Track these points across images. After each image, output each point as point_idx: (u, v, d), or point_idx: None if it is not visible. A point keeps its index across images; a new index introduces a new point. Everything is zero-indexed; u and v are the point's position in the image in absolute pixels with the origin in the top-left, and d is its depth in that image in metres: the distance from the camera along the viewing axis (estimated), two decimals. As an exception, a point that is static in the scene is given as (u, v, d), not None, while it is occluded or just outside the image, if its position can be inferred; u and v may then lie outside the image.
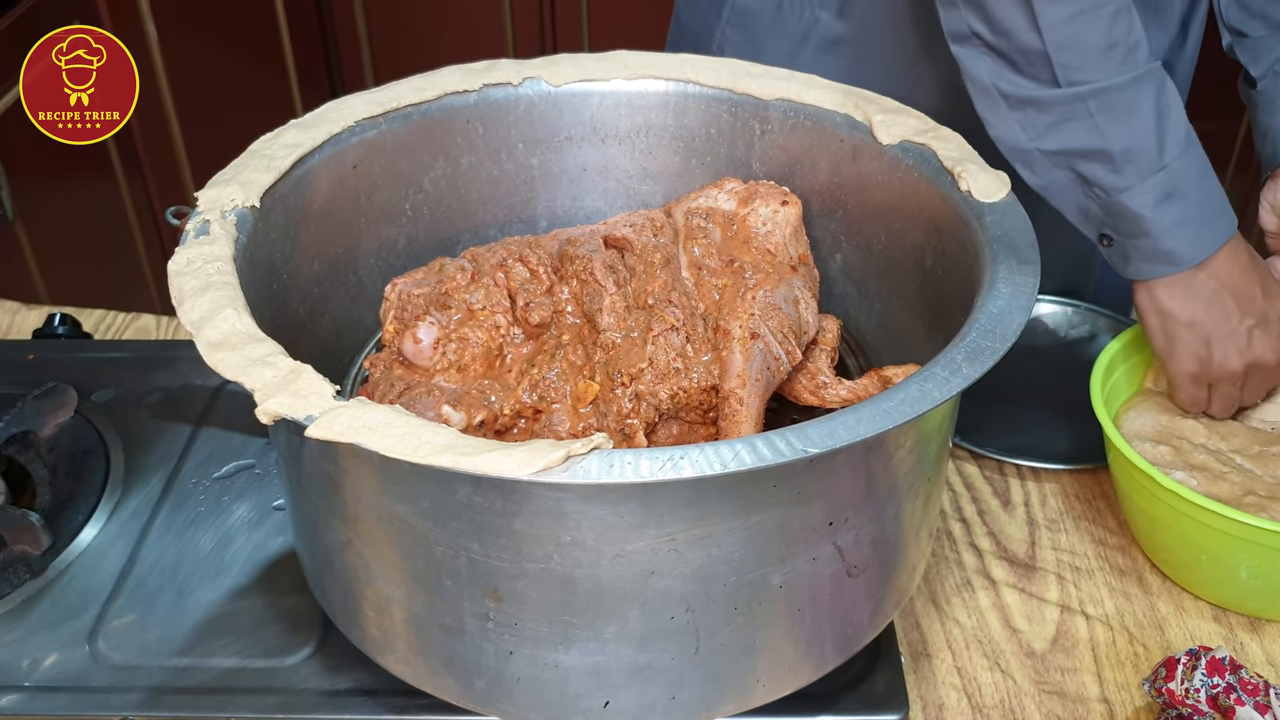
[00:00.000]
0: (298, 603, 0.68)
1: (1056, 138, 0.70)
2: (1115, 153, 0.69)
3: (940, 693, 0.68)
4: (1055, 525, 0.79)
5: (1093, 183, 0.71)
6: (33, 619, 0.68)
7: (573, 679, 0.55)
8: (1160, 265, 0.71)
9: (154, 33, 1.83)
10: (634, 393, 0.60)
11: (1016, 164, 0.72)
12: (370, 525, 0.54)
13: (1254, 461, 0.75)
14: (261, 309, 0.57)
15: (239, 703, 0.63)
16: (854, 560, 0.55)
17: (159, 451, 0.80)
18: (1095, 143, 0.69)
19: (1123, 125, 0.69)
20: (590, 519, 0.49)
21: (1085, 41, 0.68)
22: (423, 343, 0.63)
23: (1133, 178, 0.69)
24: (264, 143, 0.66)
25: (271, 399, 0.48)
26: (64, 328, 0.93)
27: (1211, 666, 0.63)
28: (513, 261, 0.66)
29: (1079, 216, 0.73)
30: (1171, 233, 0.70)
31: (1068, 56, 0.68)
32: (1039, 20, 0.68)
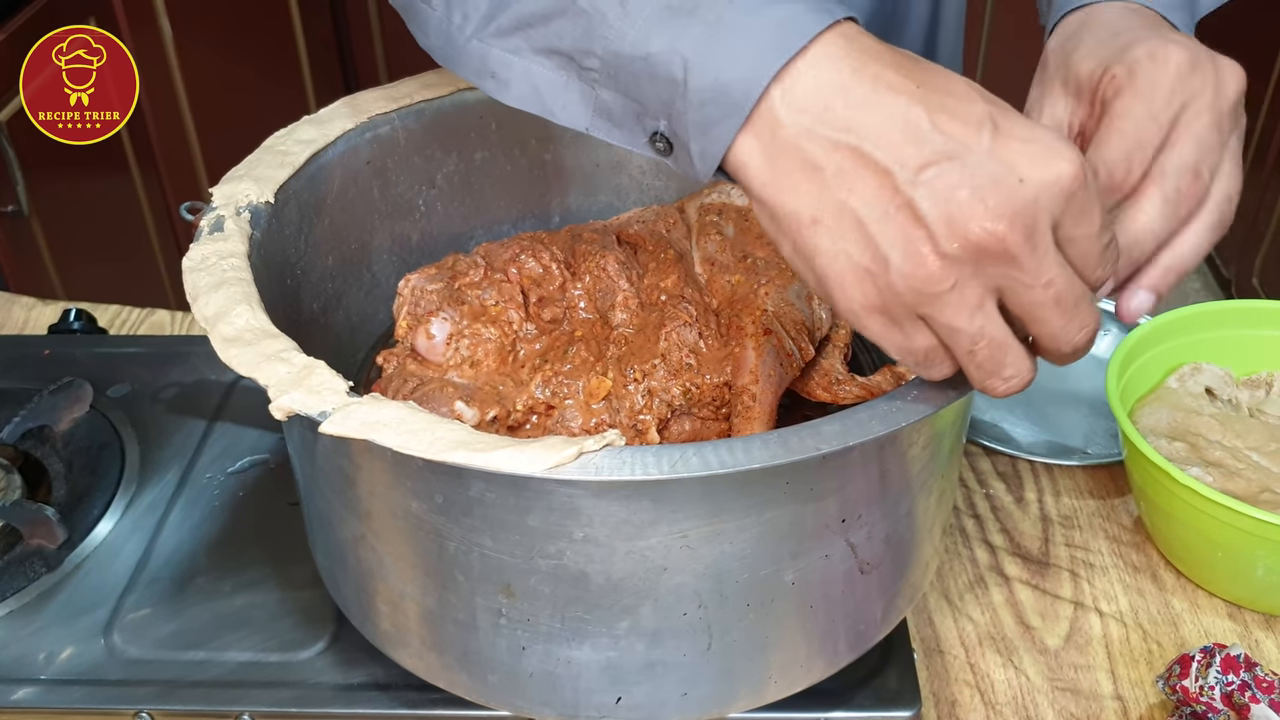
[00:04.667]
0: (311, 597, 0.68)
1: (505, 9, 0.51)
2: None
3: (953, 689, 0.68)
4: (1069, 522, 0.79)
5: (573, 55, 0.49)
6: (49, 613, 0.69)
7: (585, 675, 0.55)
8: (719, 121, 0.44)
9: (169, 30, 1.84)
10: (647, 389, 0.60)
11: (481, 79, 0.53)
12: (384, 520, 0.54)
13: (1270, 459, 0.75)
14: (275, 304, 0.57)
15: (253, 696, 0.63)
16: (867, 557, 0.55)
17: (174, 446, 0.80)
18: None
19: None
20: (603, 515, 0.49)
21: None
22: (436, 338, 0.63)
23: (612, 14, 0.46)
24: (278, 138, 0.66)
25: (286, 395, 0.48)
26: (79, 323, 0.93)
27: (1226, 664, 0.62)
28: (525, 257, 0.66)
29: (606, 124, 0.49)
30: (707, 57, 0.44)
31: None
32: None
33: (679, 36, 0.44)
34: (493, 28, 0.52)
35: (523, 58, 0.51)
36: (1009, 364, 0.45)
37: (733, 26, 0.44)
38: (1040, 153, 0.41)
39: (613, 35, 0.46)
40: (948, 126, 0.41)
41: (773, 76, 0.43)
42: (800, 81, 0.43)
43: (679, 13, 0.45)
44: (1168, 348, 0.82)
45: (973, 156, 0.41)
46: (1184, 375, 0.82)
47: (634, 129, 0.48)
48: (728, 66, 0.43)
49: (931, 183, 0.41)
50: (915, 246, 0.42)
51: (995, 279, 0.42)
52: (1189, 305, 0.83)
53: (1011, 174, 0.41)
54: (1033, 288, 0.42)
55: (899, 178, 0.41)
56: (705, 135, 0.45)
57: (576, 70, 0.49)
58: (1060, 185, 0.41)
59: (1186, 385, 0.81)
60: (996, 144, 0.41)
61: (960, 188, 0.41)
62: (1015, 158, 0.41)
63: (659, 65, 0.45)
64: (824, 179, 0.43)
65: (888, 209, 0.42)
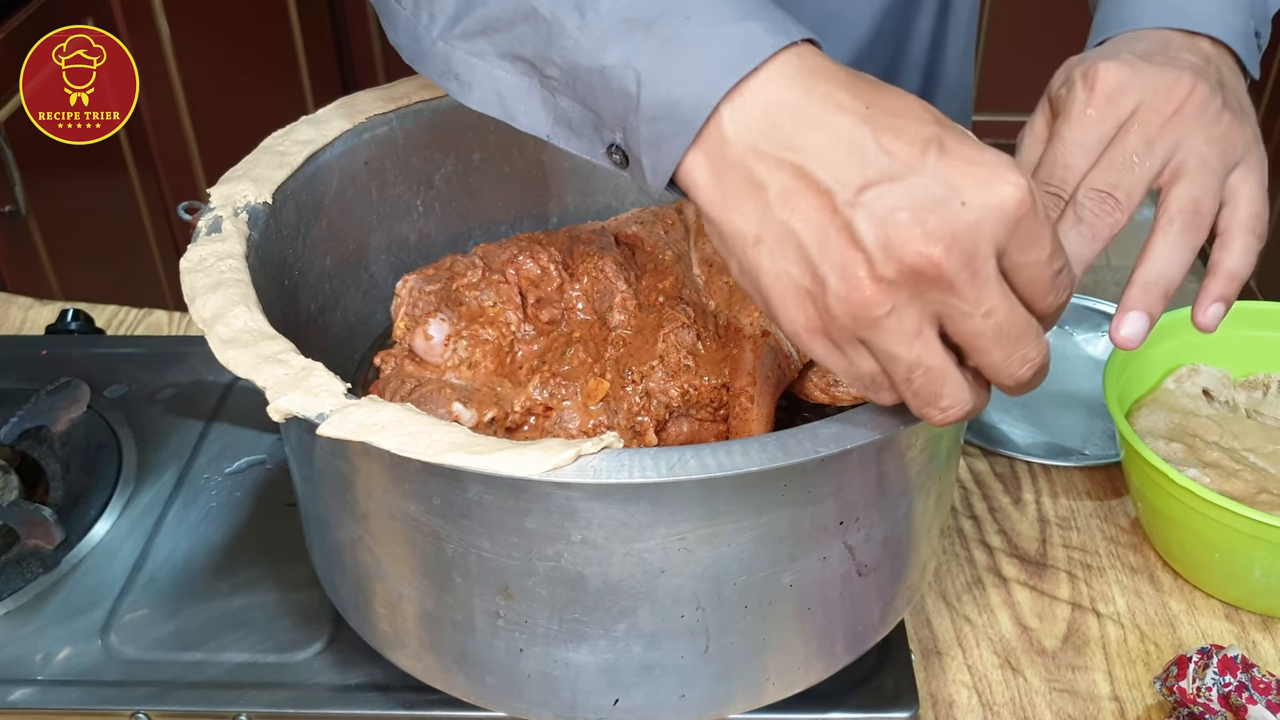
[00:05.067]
0: (309, 598, 0.68)
1: (469, 12, 0.51)
2: (539, 6, 0.47)
3: (950, 690, 0.68)
4: (1066, 523, 0.79)
5: (535, 62, 0.48)
6: (46, 613, 0.68)
7: (583, 676, 0.55)
8: (670, 138, 0.43)
9: (166, 30, 1.84)
10: (644, 390, 0.60)
11: (445, 81, 0.53)
12: (381, 522, 0.54)
13: (1267, 460, 0.75)
14: (273, 305, 0.57)
15: (250, 697, 0.63)
16: (865, 559, 0.55)
17: (171, 447, 0.80)
18: (510, 1, 0.48)
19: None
20: (601, 518, 0.49)
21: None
22: (434, 339, 0.63)
23: (570, 24, 0.46)
24: (276, 139, 0.66)
25: (283, 397, 0.48)
26: (77, 323, 0.93)
27: (1223, 665, 0.62)
28: (523, 258, 0.66)
29: (566, 132, 0.49)
30: (661, 73, 0.43)
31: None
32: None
33: (634, 51, 0.44)
34: (458, 30, 0.51)
35: (486, 61, 0.51)
36: (946, 394, 0.43)
37: (687, 43, 0.43)
38: (985, 176, 0.40)
39: (570, 45, 0.46)
40: (893, 147, 0.40)
41: (723, 95, 0.42)
42: (751, 100, 0.42)
43: (636, 26, 0.44)
44: (1165, 349, 0.82)
45: (916, 178, 0.40)
46: (1181, 376, 0.82)
47: (593, 139, 0.48)
48: (679, 83, 0.43)
49: (871, 204, 0.40)
50: (852, 269, 0.40)
51: (934, 305, 0.41)
52: (1186, 306, 0.83)
53: (954, 197, 0.39)
54: (971, 316, 0.41)
55: (839, 198, 0.40)
56: (657, 151, 0.44)
57: (539, 77, 0.49)
58: (1004, 210, 0.40)
59: (1184, 386, 0.81)
60: (941, 166, 0.40)
61: (899, 210, 0.39)
62: (959, 180, 0.40)
63: (613, 78, 0.45)
64: (768, 198, 0.42)
65: (827, 230, 0.41)
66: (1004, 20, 2.65)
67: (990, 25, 2.66)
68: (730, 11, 0.43)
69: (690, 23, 0.43)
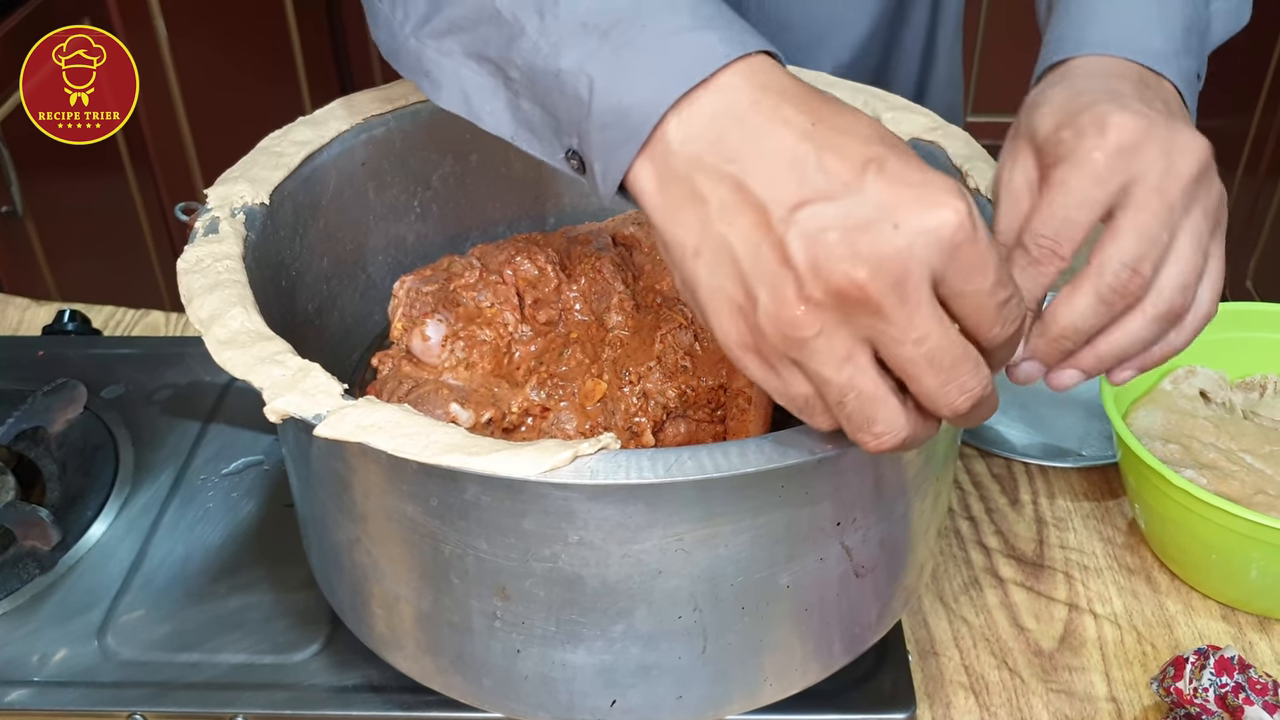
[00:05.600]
0: (306, 599, 0.68)
1: (439, 11, 0.51)
2: (502, 8, 0.47)
3: (948, 691, 0.68)
4: (1063, 524, 0.79)
5: (499, 63, 0.48)
6: (42, 614, 0.68)
7: (580, 678, 0.55)
8: (619, 145, 0.43)
9: (163, 30, 1.83)
10: (642, 391, 0.60)
11: (417, 78, 0.53)
12: (378, 523, 0.54)
13: (1264, 461, 0.75)
14: (270, 306, 0.57)
15: (247, 698, 0.63)
16: (862, 560, 0.55)
17: (168, 448, 0.80)
18: (475, 1, 0.49)
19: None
20: (598, 519, 0.49)
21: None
22: (431, 340, 0.63)
23: (530, 26, 0.46)
24: (273, 140, 0.66)
25: (280, 398, 0.48)
26: (74, 324, 0.93)
27: (1220, 666, 0.62)
28: (521, 259, 0.66)
29: (528, 135, 0.49)
30: (613, 79, 0.43)
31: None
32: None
33: (588, 56, 0.44)
34: (429, 28, 0.52)
35: (454, 60, 0.51)
36: (879, 420, 0.42)
37: (641, 50, 0.43)
38: (921, 199, 0.39)
39: (529, 48, 0.46)
40: (832, 165, 0.39)
41: (671, 104, 0.42)
42: (699, 111, 0.42)
43: (592, 32, 0.44)
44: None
45: (852, 198, 0.39)
46: (1178, 378, 0.82)
47: (552, 143, 0.48)
48: (630, 90, 0.43)
49: (804, 222, 0.39)
50: (782, 288, 0.40)
51: (864, 329, 0.40)
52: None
53: (887, 219, 0.38)
54: (902, 343, 0.40)
55: (774, 214, 0.39)
56: (607, 157, 0.44)
57: (503, 78, 0.49)
58: (939, 235, 0.38)
59: (1181, 388, 0.81)
60: (878, 187, 0.39)
61: (831, 230, 0.39)
62: (895, 203, 0.39)
63: (568, 83, 0.45)
64: (708, 210, 0.41)
65: (761, 246, 0.40)
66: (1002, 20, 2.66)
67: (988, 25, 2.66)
68: (686, 21, 0.43)
69: (645, 30, 0.43)
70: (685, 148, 0.42)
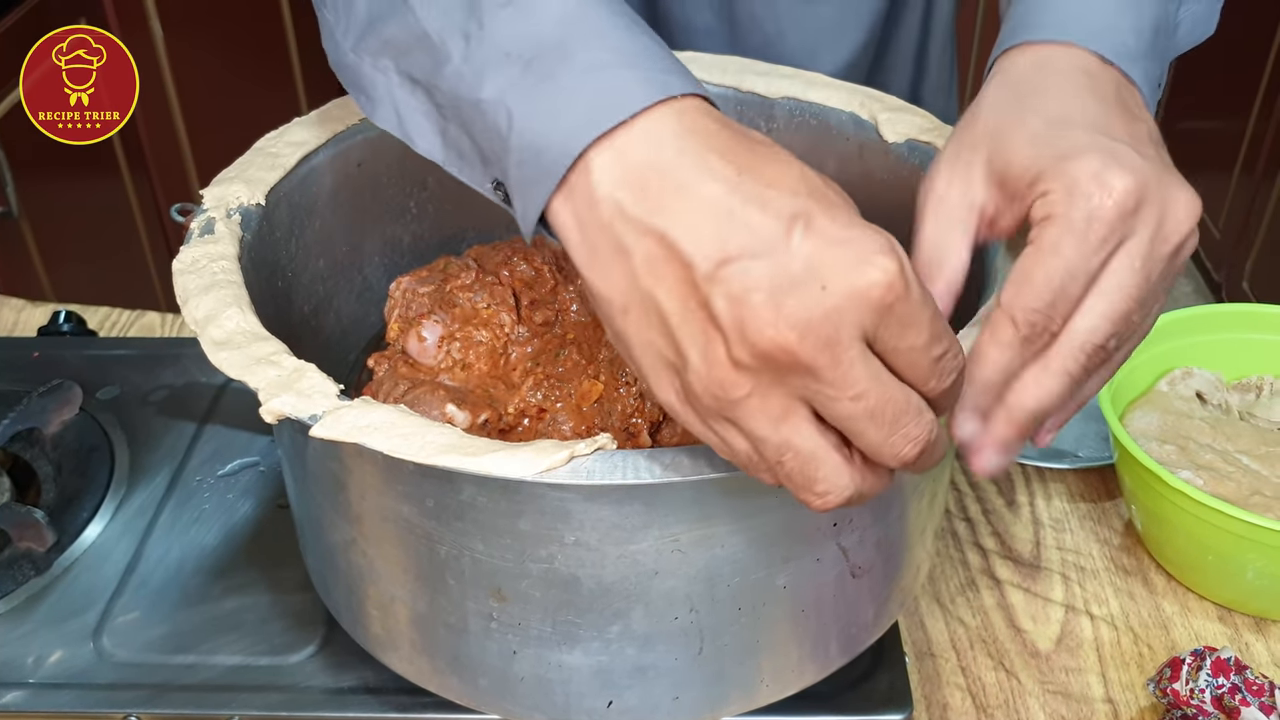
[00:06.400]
0: (302, 601, 0.68)
1: (374, 29, 0.49)
2: (431, 31, 0.46)
3: (944, 692, 0.68)
4: (1060, 525, 0.79)
5: (428, 87, 0.47)
6: (37, 616, 0.68)
7: (576, 679, 0.55)
8: (534, 183, 0.42)
9: (159, 30, 1.83)
10: (638, 392, 0.60)
11: (355, 93, 0.52)
12: (374, 524, 0.54)
13: (1260, 462, 0.75)
14: (266, 307, 0.57)
15: (243, 700, 0.63)
16: (858, 561, 0.55)
17: (164, 449, 0.80)
18: (407, 22, 0.47)
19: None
20: (594, 519, 0.49)
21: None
22: (427, 341, 0.63)
23: (456, 52, 0.45)
24: (269, 140, 0.66)
25: (276, 398, 0.48)
26: (69, 325, 0.93)
27: (1217, 667, 0.62)
28: (517, 260, 0.66)
29: (458, 161, 0.47)
30: (530, 114, 0.42)
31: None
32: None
33: (509, 88, 0.42)
34: (365, 43, 0.50)
35: (389, 78, 0.49)
36: (820, 479, 0.40)
37: (561, 86, 0.41)
38: (850, 259, 0.37)
39: (453, 74, 0.45)
40: (757, 220, 0.38)
41: (586, 146, 0.40)
42: (622, 157, 0.40)
43: (515, 62, 0.42)
44: (1159, 351, 0.82)
45: (778, 256, 0.37)
46: (1175, 379, 0.82)
47: (481, 172, 0.46)
48: (546, 128, 0.41)
49: (729, 280, 0.37)
50: (711, 348, 0.38)
51: (799, 389, 0.38)
52: (1180, 309, 0.83)
53: (815, 279, 0.37)
54: (838, 400, 0.38)
55: (699, 271, 0.38)
56: (524, 194, 0.42)
57: (434, 102, 0.47)
58: (870, 296, 0.37)
59: (1177, 389, 0.81)
60: (806, 244, 0.37)
61: (756, 290, 0.37)
62: (822, 261, 0.37)
63: (488, 114, 0.43)
64: (633, 265, 0.39)
65: (688, 304, 0.38)
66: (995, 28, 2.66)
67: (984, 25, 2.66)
68: (610, 57, 0.41)
69: (566, 64, 0.41)
70: (610, 196, 0.40)
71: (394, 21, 0.48)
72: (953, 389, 0.41)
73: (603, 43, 0.42)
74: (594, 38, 0.42)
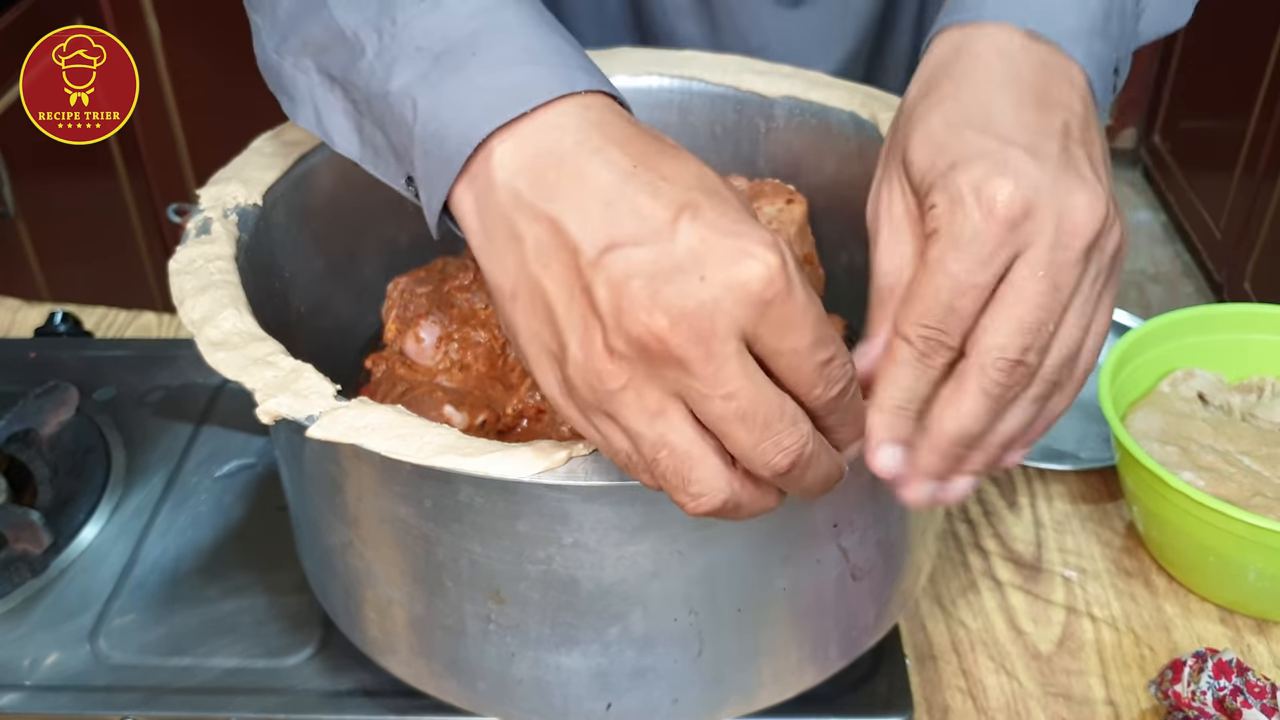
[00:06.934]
0: (299, 603, 0.67)
1: (295, 29, 0.50)
2: (346, 28, 0.47)
3: (945, 695, 0.68)
4: (1061, 527, 0.79)
5: (344, 84, 0.48)
6: (33, 618, 0.68)
7: (575, 681, 0.54)
8: (437, 173, 0.43)
9: (156, 30, 1.83)
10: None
11: (279, 95, 0.53)
12: (372, 526, 0.54)
13: (1262, 463, 0.75)
14: (263, 307, 0.56)
15: (240, 703, 0.62)
16: (859, 563, 0.55)
17: (160, 450, 0.80)
18: (324, 19, 0.48)
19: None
20: (592, 521, 0.48)
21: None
22: (425, 342, 0.63)
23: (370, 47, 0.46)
24: (266, 140, 0.66)
25: (272, 399, 0.47)
26: (65, 326, 0.92)
27: (1218, 669, 0.62)
28: (516, 260, 0.66)
29: (374, 158, 0.48)
30: (435, 105, 0.43)
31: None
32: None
33: (417, 81, 0.43)
34: (288, 44, 0.50)
35: (309, 77, 0.50)
36: (695, 480, 0.39)
37: (467, 79, 0.42)
38: (732, 251, 0.37)
39: (366, 69, 0.45)
40: (646, 209, 0.38)
41: (487, 135, 0.40)
42: (523, 146, 0.40)
43: (424, 56, 0.43)
44: (1160, 352, 0.82)
45: (662, 245, 0.37)
46: (1176, 380, 0.82)
47: (395, 168, 0.46)
48: (452, 118, 0.42)
49: (610, 266, 0.37)
50: (590, 336, 0.38)
51: (673, 384, 0.38)
52: (1181, 309, 0.83)
53: (695, 270, 0.37)
54: (710, 398, 0.37)
55: (584, 257, 0.38)
56: (429, 184, 0.43)
57: (350, 99, 0.48)
58: (747, 290, 0.36)
59: (1179, 390, 0.81)
60: (690, 235, 0.37)
61: (636, 276, 0.37)
62: (705, 252, 0.37)
63: (395, 106, 0.44)
64: (525, 251, 0.39)
65: (572, 291, 0.38)
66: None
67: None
68: (519, 54, 0.42)
69: (476, 58, 0.42)
70: (508, 183, 0.40)
71: (313, 20, 0.48)
72: (840, 398, 0.40)
73: (512, 39, 0.43)
74: (504, 34, 0.43)
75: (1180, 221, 2.69)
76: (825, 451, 0.41)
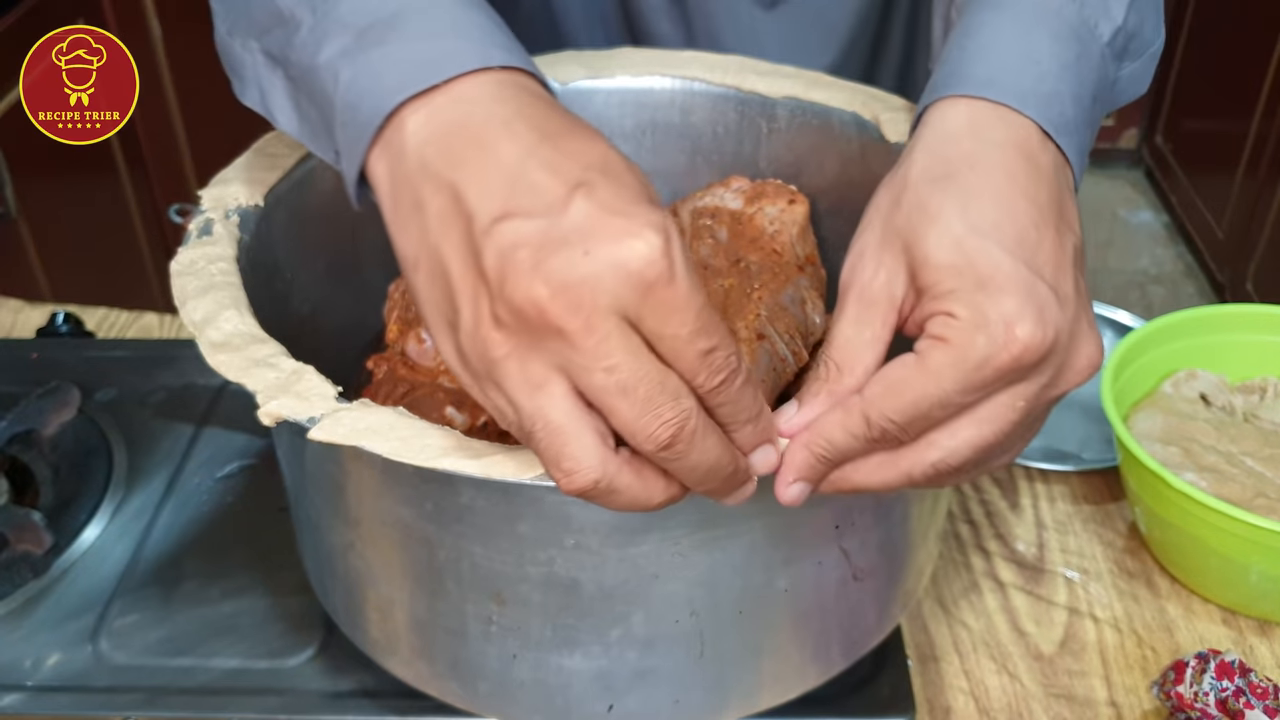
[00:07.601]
0: (300, 604, 0.67)
1: (245, 11, 0.51)
2: (284, 7, 0.48)
3: (947, 696, 0.68)
4: (1064, 527, 0.79)
5: (282, 61, 0.49)
6: (35, 619, 0.68)
7: (577, 683, 0.54)
8: (353, 141, 0.44)
9: (158, 30, 1.83)
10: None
11: (231, 76, 0.54)
12: (373, 528, 0.54)
13: (1264, 464, 0.75)
14: (264, 308, 0.56)
15: (241, 703, 0.62)
16: (860, 564, 0.55)
17: (162, 451, 0.80)
18: (266, 1, 0.49)
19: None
20: (594, 522, 0.48)
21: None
22: (426, 343, 0.63)
23: (305, 23, 0.47)
24: (267, 141, 0.66)
25: (274, 401, 0.47)
26: (67, 327, 0.92)
27: (1221, 670, 0.62)
28: (517, 261, 0.66)
29: (311, 134, 0.49)
30: (356, 75, 0.44)
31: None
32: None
33: (341, 53, 0.44)
34: (238, 26, 0.52)
35: (254, 57, 0.51)
36: (568, 456, 0.39)
37: (387, 50, 0.43)
38: (618, 230, 0.37)
39: (299, 44, 0.47)
40: (542, 182, 0.38)
41: (400, 104, 0.42)
42: (435, 117, 0.41)
43: (350, 30, 0.44)
44: (1162, 353, 0.82)
45: (553, 218, 0.37)
46: (1179, 381, 0.81)
47: (326, 142, 0.47)
48: (367, 88, 0.43)
49: (500, 236, 0.38)
50: (479, 304, 0.38)
51: (555, 356, 0.38)
52: (1184, 310, 0.83)
53: (580, 244, 0.37)
54: (591, 371, 0.38)
55: (478, 225, 0.38)
56: (348, 152, 0.44)
57: (289, 76, 0.49)
58: (629, 269, 0.37)
59: (1181, 391, 0.81)
60: (582, 210, 0.37)
61: (522, 247, 0.37)
62: (593, 228, 0.37)
63: (320, 77, 0.45)
64: (427, 220, 0.40)
65: (466, 259, 0.39)
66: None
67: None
68: (441, 28, 0.43)
69: (397, 32, 0.43)
70: (418, 152, 0.41)
71: (259, 2, 0.49)
72: (724, 388, 0.40)
73: (435, 15, 0.44)
74: (427, 10, 0.44)
75: (1183, 222, 2.69)
76: (715, 436, 0.41)
